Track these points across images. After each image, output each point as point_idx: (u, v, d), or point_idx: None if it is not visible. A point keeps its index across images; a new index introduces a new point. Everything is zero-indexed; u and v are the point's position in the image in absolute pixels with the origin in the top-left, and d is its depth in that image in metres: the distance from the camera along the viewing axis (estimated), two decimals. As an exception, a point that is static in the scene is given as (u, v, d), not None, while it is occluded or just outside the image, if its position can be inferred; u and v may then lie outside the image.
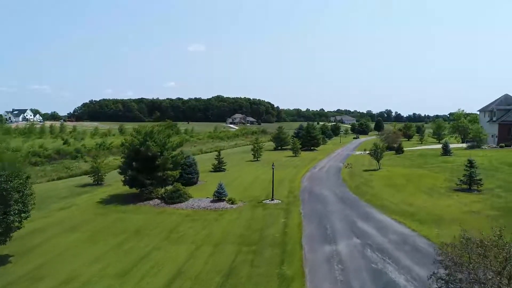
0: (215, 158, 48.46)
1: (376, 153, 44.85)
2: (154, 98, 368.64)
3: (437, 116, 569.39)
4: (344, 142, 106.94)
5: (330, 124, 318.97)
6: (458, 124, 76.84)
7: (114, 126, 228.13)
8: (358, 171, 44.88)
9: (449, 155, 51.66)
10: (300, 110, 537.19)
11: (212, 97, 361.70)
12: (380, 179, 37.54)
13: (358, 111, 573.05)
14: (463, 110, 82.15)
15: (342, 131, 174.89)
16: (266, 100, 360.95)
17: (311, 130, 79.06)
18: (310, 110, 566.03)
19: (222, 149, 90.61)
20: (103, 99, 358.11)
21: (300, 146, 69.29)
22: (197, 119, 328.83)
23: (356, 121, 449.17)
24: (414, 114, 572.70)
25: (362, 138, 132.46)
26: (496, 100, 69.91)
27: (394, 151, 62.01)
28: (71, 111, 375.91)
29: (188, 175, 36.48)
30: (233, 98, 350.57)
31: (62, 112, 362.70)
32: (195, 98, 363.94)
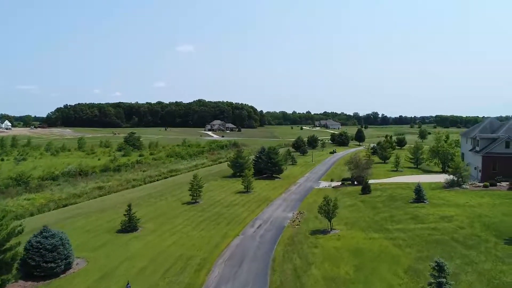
0: (125, 214, 37.54)
1: (327, 211, 34.63)
2: (132, 102, 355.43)
3: (423, 120, 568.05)
4: (317, 161, 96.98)
5: (314, 128, 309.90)
6: (437, 149, 67.57)
7: (85, 134, 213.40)
8: (304, 233, 34.67)
9: (423, 202, 41.93)
10: (286, 113, 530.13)
11: (193, 101, 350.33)
12: (322, 262, 27.25)
13: (345, 113, 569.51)
14: (446, 131, 72.64)
15: (320, 140, 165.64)
16: (249, 104, 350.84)
17: (272, 156, 68.71)
18: (297, 112, 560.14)
19: (175, 175, 79.98)
20: (78, 104, 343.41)
21: (253, 178, 59.05)
22: (176, 124, 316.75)
23: (342, 124, 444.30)
24: (400, 116, 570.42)
25: (340, 152, 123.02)
26: (479, 125, 60.79)
27: (361, 188, 51.87)
28: (45, 116, 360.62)
29: (49, 263, 25.65)
30: (215, 102, 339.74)
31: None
32: (176, 102, 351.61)
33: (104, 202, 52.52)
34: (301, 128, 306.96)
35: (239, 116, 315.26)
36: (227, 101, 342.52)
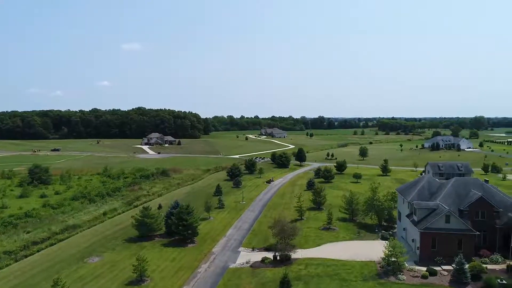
0: None
1: None
2: (63, 110, 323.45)
3: (366, 123, 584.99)
4: (248, 199, 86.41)
5: (259, 137, 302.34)
6: (373, 202, 59.83)
7: (2, 150, 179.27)
8: None
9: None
10: (233, 117, 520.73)
11: (132, 109, 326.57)
12: None
13: (292, 116, 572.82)
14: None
15: (259, 160, 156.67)
16: (193, 112, 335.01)
17: (184, 217, 56.55)
18: (245, 117, 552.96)
19: (69, 236, 64.19)
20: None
21: (161, 244, 46.33)
22: (112, 135, 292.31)
23: (289, 129, 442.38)
24: (345, 120, 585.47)
25: (277, 180, 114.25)
26: (417, 183, 53.36)
27: (280, 280, 40.93)
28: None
29: None
30: (155, 111, 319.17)
31: None
32: (112, 110, 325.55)
33: None
34: (246, 138, 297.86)
35: (181, 126, 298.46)
36: (168, 109, 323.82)
